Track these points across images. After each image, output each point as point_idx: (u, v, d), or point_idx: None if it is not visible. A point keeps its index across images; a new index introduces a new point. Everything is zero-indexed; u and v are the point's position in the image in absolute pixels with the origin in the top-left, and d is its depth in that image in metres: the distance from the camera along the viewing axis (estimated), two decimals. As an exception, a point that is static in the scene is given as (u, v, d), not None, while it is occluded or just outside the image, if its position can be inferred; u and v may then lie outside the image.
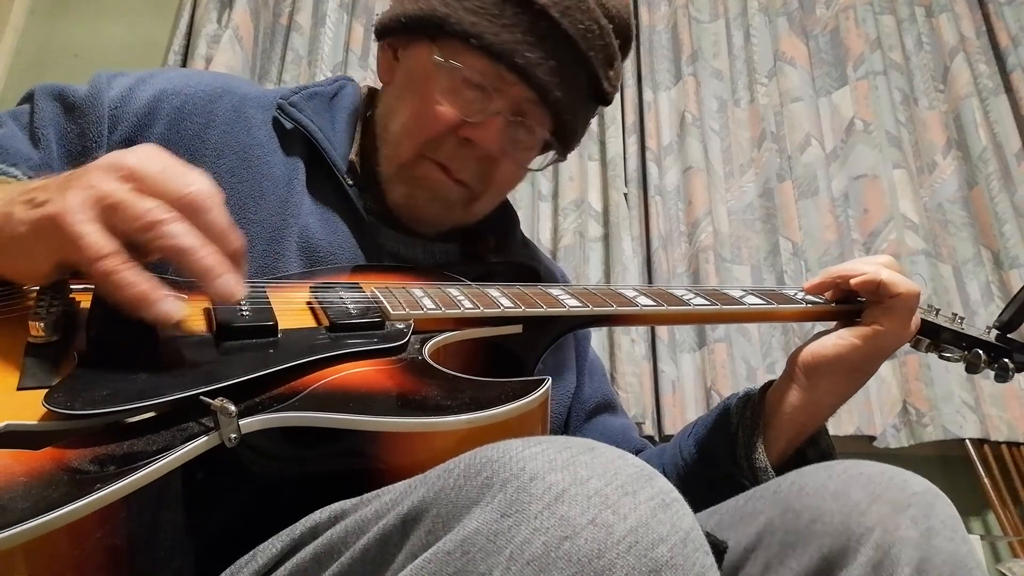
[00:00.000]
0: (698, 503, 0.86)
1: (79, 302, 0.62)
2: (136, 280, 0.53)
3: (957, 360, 0.88)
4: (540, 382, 0.57)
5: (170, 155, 0.58)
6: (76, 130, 0.81)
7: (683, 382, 2.09)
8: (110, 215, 0.54)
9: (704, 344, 2.12)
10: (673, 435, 1.07)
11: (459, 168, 0.87)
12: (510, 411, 0.53)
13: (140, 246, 0.55)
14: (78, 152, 0.81)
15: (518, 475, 0.42)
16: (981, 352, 0.86)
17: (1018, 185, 2.29)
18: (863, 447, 2.06)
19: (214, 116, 0.86)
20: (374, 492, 0.49)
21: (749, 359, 2.12)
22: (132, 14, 2.52)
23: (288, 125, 0.89)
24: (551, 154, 0.95)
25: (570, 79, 0.86)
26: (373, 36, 0.96)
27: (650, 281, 2.22)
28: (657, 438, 2.04)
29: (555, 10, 0.82)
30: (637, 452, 1.00)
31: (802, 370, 0.83)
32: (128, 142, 0.82)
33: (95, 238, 0.53)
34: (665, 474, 0.90)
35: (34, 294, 0.60)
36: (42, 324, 0.56)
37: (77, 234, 0.53)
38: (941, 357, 0.89)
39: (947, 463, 2.09)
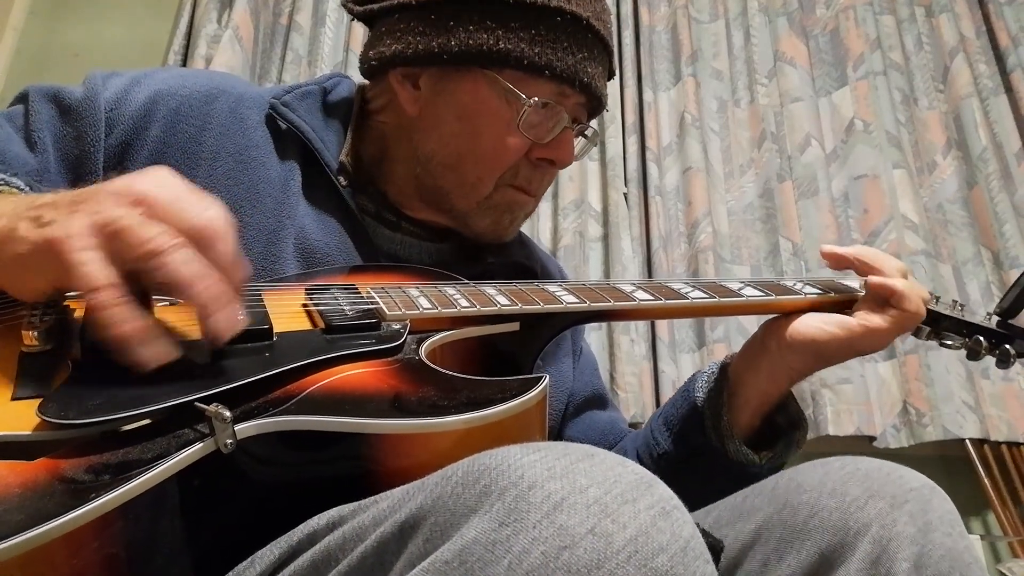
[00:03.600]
0: (675, 480, 0.87)
1: (73, 310, 0.62)
2: (126, 318, 0.51)
3: (958, 348, 0.88)
4: (538, 380, 0.56)
5: (184, 181, 0.56)
6: (73, 133, 0.81)
7: (683, 382, 2.09)
8: (113, 241, 0.52)
9: (704, 344, 2.12)
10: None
11: (537, 187, 0.93)
12: (508, 410, 0.53)
13: (143, 274, 0.54)
14: (75, 156, 0.80)
15: (516, 483, 0.42)
16: (982, 339, 0.86)
17: (1018, 185, 2.29)
18: (863, 447, 2.06)
19: (210, 118, 0.86)
20: (372, 498, 0.49)
21: (749, 359, 2.12)
22: (132, 14, 2.52)
23: (283, 126, 0.89)
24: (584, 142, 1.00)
25: (605, 74, 0.93)
26: (364, 66, 0.94)
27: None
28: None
29: (595, 20, 0.87)
30: (621, 441, 1.01)
31: (776, 340, 0.84)
32: (124, 145, 0.82)
33: (91, 268, 0.51)
34: (638, 456, 0.93)
35: (28, 302, 0.60)
36: (35, 333, 0.55)
37: (75, 262, 0.51)
38: (942, 345, 0.89)
39: (947, 463, 2.09)
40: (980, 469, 2.02)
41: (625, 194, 2.31)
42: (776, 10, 2.52)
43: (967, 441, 2.04)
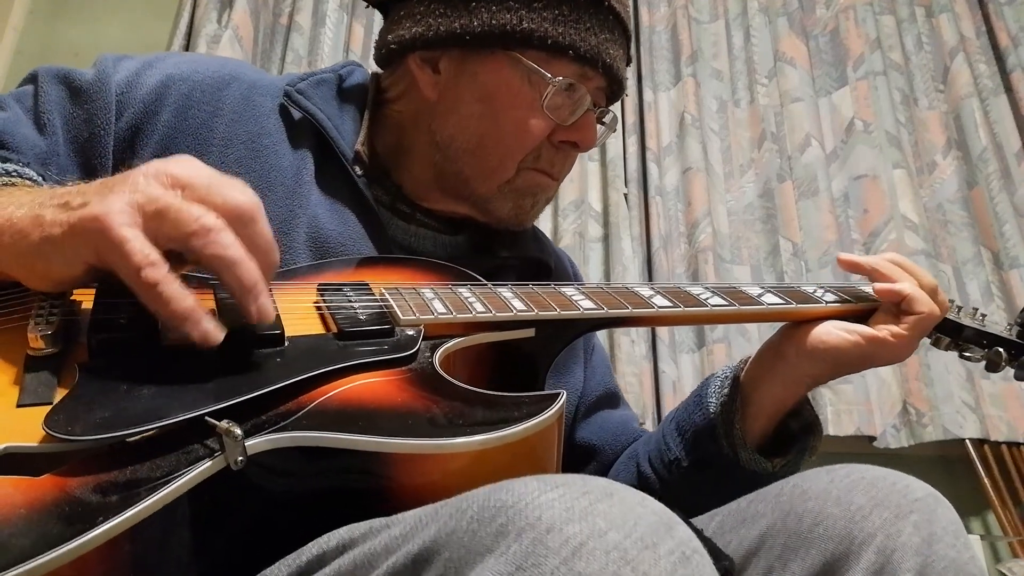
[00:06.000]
0: (685, 486, 0.87)
1: (80, 304, 0.61)
2: (181, 295, 0.51)
3: (978, 360, 0.86)
4: (554, 397, 0.55)
5: (210, 168, 0.57)
6: (82, 115, 0.79)
7: (683, 382, 2.09)
8: (155, 221, 0.52)
9: (703, 344, 2.12)
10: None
11: (560, 170, 0.91)
12: (524, 431, 0.52)
13: (184, 254, 0.54)
14: (84, 139, 0.79)
15: (534, 525, 0.41)
16: (1002, 350, 0.84)
17: (1018, 185, 2.29)
18: (863, 447, 2.06)
19: (222, 104, 0.84)
20: (383, 520, 0.48)
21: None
22: (132, 14, 2.51)
23: (296, 114, 0.87)
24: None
25: (625, 58, 0.92)
26: (382, 51, 0.93)
27: (650, 282, 2.22)
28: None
29: (615, 2, 0.87)
30: (633, 442, 1.00)
31: (795, 347, 0.82)
32: (134, 129, 0.80)
33: (139, 244, 0.51)
34: (650, 461, 0.91)
35: (34, 302, 0.59)
36: (42, 336, 0.54)
37: (122, 238, 0.51)
38: (961, 356, 0.88)
39: (947, 463, 2.10)
40: (980, 469, 2.03)
41: (625, 194, 2.31)
42: (776, 10, 2.52)
43: (967, 441, 2.04)
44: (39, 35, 2.49)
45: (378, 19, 2.50)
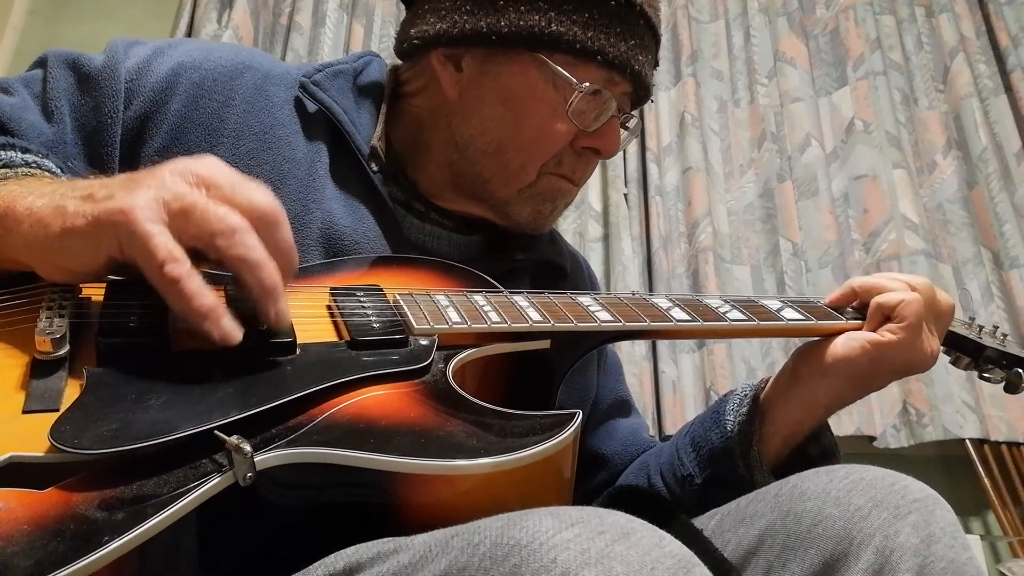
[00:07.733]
0: (696, 502, 0.86)
1: (90, 301, 0.60)
2: (203, 292, 0.52)
3: (998, 381, 0.85)
4: (571, 418, 0.55)
5: (232, 169, 0.57)
6: (91, 103, 0.77)
7: (683, 382, 2.10)
8: (180, 219, 0.52)
9: (704, 344, 2.12)
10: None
11: (581, 175, 0.90)
12: (539, 453, 0.51)
13: (205, 252, 0.54)
14: (92, 127, 0.77)
15: (549, 568, 0.40)
16: (1022, 372, 0.84)
17: (1018, 185, 2.29)
18: (863, 447, 2.06)
19: (234, 94, 0.82)
20: (391, 544, 0.47)
21: (749, 359, 2.12)
22: (132, 14, 2.52)
23: (311, 107, 0.85)
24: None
25: (653, 64, 0.90)
26: (403, 44, 0.90)
27: (650, 282, 2.22)
28: (658, 438, 2.03)
29: (647, 7, 0.85)
30: (643, 452, 0.99)
31: (806, 365, 0.81)
32: (143, 118, 0.78)
33: (164, 240, 0.51)
34: (662, 475, 0.90)
35: (41, 302, 0.58)
36: (50, 339, 0.53)
37: (147, 233, 0.51)
38: (981, 377, 0.87)
39: (947, 463, 2.10)
40: (980, 469, 2.03)
41: (625, 194, 2.31)
42: (776, 10, 2.52)
43: (967, 441, 2.04)
44: (39, 35, 2.49)
45: (378, 19, 2.51)
